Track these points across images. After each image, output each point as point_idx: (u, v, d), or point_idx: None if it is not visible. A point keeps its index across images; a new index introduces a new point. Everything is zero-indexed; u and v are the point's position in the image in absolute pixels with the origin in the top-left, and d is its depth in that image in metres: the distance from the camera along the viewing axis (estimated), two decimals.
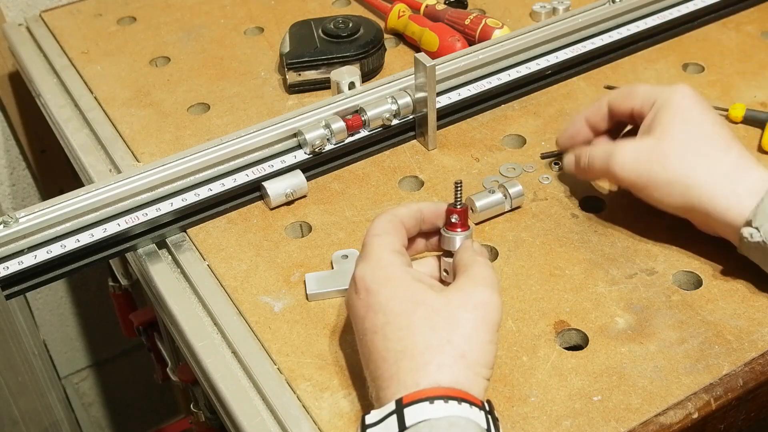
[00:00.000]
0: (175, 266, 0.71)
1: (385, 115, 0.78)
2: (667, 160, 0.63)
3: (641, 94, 0.67)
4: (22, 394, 0.84)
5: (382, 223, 0.58)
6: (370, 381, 0.54)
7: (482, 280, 0.55)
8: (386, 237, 0.57)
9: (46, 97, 0.90)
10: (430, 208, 0.60)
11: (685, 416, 0.57)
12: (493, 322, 0.53)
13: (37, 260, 0.68)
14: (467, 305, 0.53)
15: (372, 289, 0.54)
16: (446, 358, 0.51)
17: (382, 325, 0.53)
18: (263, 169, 0.75)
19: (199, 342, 0.64)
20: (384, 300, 0.54)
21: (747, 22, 0.92)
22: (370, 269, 0.55)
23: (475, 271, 0.56)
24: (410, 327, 0.52)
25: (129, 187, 0.71)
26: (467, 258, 0.57)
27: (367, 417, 0.51)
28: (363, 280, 0.55)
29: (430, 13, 0.94)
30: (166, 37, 0.96)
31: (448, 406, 0.49)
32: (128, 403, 1.51)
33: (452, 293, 0.54)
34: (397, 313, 0.53)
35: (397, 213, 0.59)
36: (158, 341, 0.94)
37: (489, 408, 0.51)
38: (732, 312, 0.63)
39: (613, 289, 0.65)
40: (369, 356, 0.54)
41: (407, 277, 0.55)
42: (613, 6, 0.88)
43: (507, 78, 0.83)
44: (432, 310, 0.53)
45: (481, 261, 0.57)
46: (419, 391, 0.50)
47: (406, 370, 0.51)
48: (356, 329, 0.56)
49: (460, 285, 0.55)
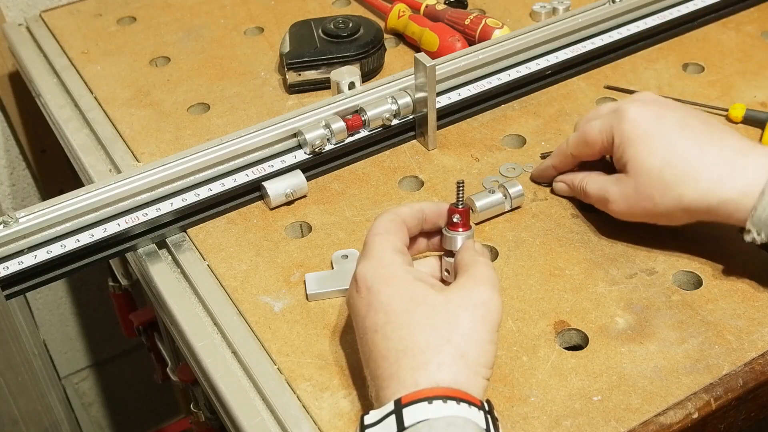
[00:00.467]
0: (175, 266, 0.71)
1: (385, 115, 0.78)
2: (655, 195, 0.63)
3: (596, 136, 0.67)
4: (22, 394, 0.84)
5: (383, 222, 0.58)
6: (370, 380, 0.54)
7: (483, 280, 0.55)
8: (388, 236, 0.57)
9: (46, 97, 0.90)
10: (432, 207, 0.60)
11: (685, 416, 0.57)
12: (493, 321, 0.53)
13: (37, 260, 0.68)
14: (467, 304, 0.53)
15: (373, 287, 0.54)
16: (446, 358, 0.51)
17: (383, 324, 0.53)
18: (263, 169, 0.75)
19: (199, 342, 0.64)
20: (385, 299, 0.54)
21: (747, 22, 0.92)
22: (372, 268, 0.55)
23: (475, 271, 0.56)
24: (410, 326, 0.52)
25: (129, 187, 0.71)
26: (468, 258, 0.57)
27: (366, 417, 0.50)
28: (364, 278, 0.55)
29: (430, 13, 0.94)
30: (166, 37, 0.96)
31: (447, 406, 0.49)
32: (128, 403, 1.51)
33: (453, 292, 0.54)
34: (398, 312, 0.53)
35: (398, 212, 0.59)
36: (158, 341, 0.94)
37: (488, 408, 0.51)
38: (732, 312, 0.63)
39: (613, 289, 0.65)
40: (369, 355, 0.54)
41: (408, 277, 0.55)
42: (613, 6, 0.88)
43: (507, 78, 0.83)
44: (432, 309, 0.53)
45: (482, 261, 0.57)
46: (418, 391, 0.50)
47: (406, 369, 0.51)
48: (357, 328, 0.56)
49: (461, 284, 0.55)
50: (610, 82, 0.85)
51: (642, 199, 0.64)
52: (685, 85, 0.84)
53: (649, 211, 0.64)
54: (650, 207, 0.64)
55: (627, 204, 0.65)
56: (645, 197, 0.63)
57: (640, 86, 0.84)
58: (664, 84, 0.84)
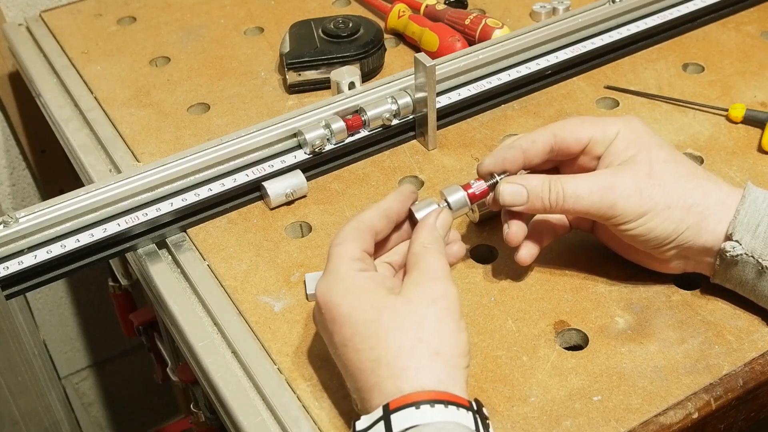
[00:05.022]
0: (175, 266, 0.71)
1: (385, 115, 0.78)
2: (665, 183, 0.59)
3: (593, 127, 0.62)
4: (22, 394, 0.84)
5: (345, 231, 0.58)
6: (353, 393, 0.54)
7: (434, 272, 0.54)
8: (345, 245, 0.56)
9: (46, 97, 0.90)
10: (396, 199, 0.60)
11: (685, 416, 0.57)
12: (455, 310, 0.53)
13: (37, 260, 0.68)
14: (427, 300, 0.53)
15: (333, 302, 0.54)
16: (422, 359, 0.51)
17: (351, 337, 0.52)
18: (263, 169, 0.75)
19: (199, 342, 0.64)
20: (347, 311, 0.53)
21: (747, 22, 0.92)
22: (329, 283, 0.55)
23: (425, 264, 0.55)
24: (378, 334, 0.52)
25: (129, 187, 0.71)
26: (416, 249, 0.57)
27: (358, 423, 0.50)
28: (323, 294, 0.54)
29: (430, 13, 0.94)
30: (166, 37, 0.96)
31: (435, 410, 0.48)
32: (128, 403, 1.51)
33: (410, 291, 0.54)
34: (363, 321, 0.52)
35: (362, 218, 0.58)
36: (158, 341, 0.94)
37: (477, 407, 0.51)
38: (732, 312, 0.63)
39: (613, 289, 0.65)
40: (345, 369, 0.54)
41: (367, 284, 0.54)
42: (613, 6, 0.88)
43: (507, 78, 0.83)
44: (395, 313, 0.52)
45: (429, 250, 0.56)
46: (404, 396, 0.49)
47: (386, 378, 0.50)
48: (328, 345, 0.56)
49: (416, 281, 0.55)
50: (610, 82, 0.85)
51: (654, 183, 0.59)
52: (685, 85, 0.84)
53: (656, 200, 0.59)
54: (657, 195, 0.59)
55: (637, 189, 0.59)
56: (657, 183, 0.59)
57: (640, 86, 0.84)
58: (664, 84, 0.84)
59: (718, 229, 0.59)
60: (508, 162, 0.62)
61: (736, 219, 0.59)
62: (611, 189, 0.59)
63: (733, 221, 0.59)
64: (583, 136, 0.61)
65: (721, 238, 0.59)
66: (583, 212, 0.60)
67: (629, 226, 0.60)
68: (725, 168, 0.74)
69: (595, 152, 0.62)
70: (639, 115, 0.81)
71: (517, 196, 0.61)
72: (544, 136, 0.62)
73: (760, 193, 0.60)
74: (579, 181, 0.60)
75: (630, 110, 0.82)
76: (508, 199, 0.61)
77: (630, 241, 0.61)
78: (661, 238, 0.60)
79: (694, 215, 0.59)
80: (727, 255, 0.59)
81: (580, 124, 0.62)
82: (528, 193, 0.61)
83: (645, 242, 0.60)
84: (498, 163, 0.62)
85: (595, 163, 0.62)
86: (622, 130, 0.61)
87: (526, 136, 0.62)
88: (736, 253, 0.58)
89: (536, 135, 0.62)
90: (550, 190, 0.60)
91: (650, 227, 0.59)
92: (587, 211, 0.60)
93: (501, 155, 0.62)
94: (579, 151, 0.62)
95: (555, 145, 0.62)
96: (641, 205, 0.59)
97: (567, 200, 0.60)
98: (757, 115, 0.78)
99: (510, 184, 0.61)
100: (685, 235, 0.60)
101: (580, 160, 0.63)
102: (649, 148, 0.61)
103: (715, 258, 0.60)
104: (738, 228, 0.58)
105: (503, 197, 0.61)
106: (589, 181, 0.60)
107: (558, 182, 0.60)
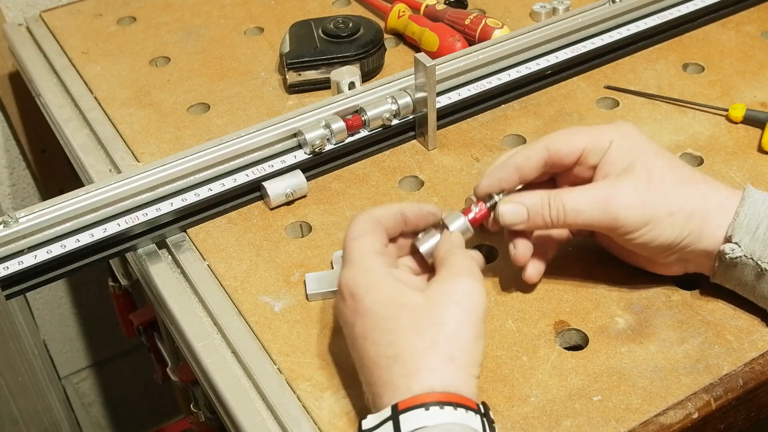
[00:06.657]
0: (175, 266, 0.71)
1: (385, 115, 0.78)
2: (665, 189, 0.59)
3: (586, 137, 0.61)
4: (22, 394, 0.84)
5: (359, 224, 0.57)
6: (366, 386, 0.54)
7: (460, 271, 0.54)
8: (365, 238, 0.56)
9: (46, 97, 0.90)
10: (413, 209, 0.59)
11: (685, 416, 0.57)
12: (478, 312, 0.53)
13: (37, 260, 0.68)
14: (449, 302, 0.52)
15: (357, 294, 0.54)
16: (436, 362, 0.51)
17: (371, 330, 0.52)
18: (263, 169, 0.75)
19: (199, 342, 0.64)
20: (370, 304, 0.53)
21: (747, 22, 0.92)
22: (353, 274, 0.54)
23: (453, 262, 0.55)
24: (397, 331, 0.52)
25: (129, 187, 0.71)
26: (445, 250, 0.57)
27: (364, 422, 0.50)
28: (348, 285, 0.54)
29: (430, 13, 0.94)
30: (166, 37, 0.96)
31: (444, 412, 0.48)
32: (128, 403, 1.51)
33: (433, 290, 0.54)
34: (383, 317, 0.52)
35: (374, 213, 0.58)
36: (158, 341, 0.94)
37: (484, 410, 0.51)
38: (732, 312, 0.63)
39: (613, 289, 0.65)
40: (361, 362, 0.54)
41: (389, 279, 0.54)
42: (613, 6, 0.88)
43: (507, 78, 0.83)
44: (414, 312, 0.52)
45: (458, 252, 0.56)
46: (414, 396, 0.49)
47: (399, 375, 0.51)
48: (347, 336, 0.56)
49: (440, 279, 0.54)
50: (610, 82, 0.85)
51: (654, 190, 0.58)
52: (685, 85, 0.84)
53: (657, 207, 0.58)
54: (658, 201, 0.58)
55: (638, 197, 0.58)
56: (657, 189, 0.58)
57: (640, 86, 0.84)
58: (664, 84, 0.84)
59: (719, 233, 0.59)
60: (503, 182, 0.61)
61: (736, 221, 0.59)
62: (612, 200, 0.58)
63: (733, 223, 0.59)
64: (577, 148, 0.60)
65: (721, 241, 0.59)
66: (586, 225, 0.60)
67: (633, 236, 0.59)
68: (725, 168, 0.74)
69: (590, 162, 0.61)
70: (639, 115, 0.81)
71: (517, 216, 0.60)
72: (537, 152, 0.61)
73: (759, 196, 0.60)
74: (579, 194, 0.59)
75: (630, 110, 0.82)
76: (508, 219, 0.60)
77: (633, 249, 0.61)
78: (665, 245, 0.59)
79: (696, 220, 0.59)
80: (726, 257, 0.59)
81: (572, 135, 0.61)
82: (528, 211, 0.60)
83: (648, 249, 0.60)
84: (494, 184, 0.61)
85: (591, 172, 0.61)
86: (615, 138, 0.60)
87: (519, 153, 0.62)
88: (735, 255, 0.58)
89: (529, 151, 0.61)
90: (550, 206, 0.59)
91: (653, 236, 0.59)
92: (589, 224, 0.59)
93: (496, 176, 0.61)
94: (573, 162, 0.61)
95: (548, 159, 0.61)
96: (643, 215, 0.58)
97: (568, 215, 0.59)
98: (757, 115, 0.78)
99: (509, 204, 0.60)
100: (688, 240, 0.59)
101: (576, 170, 0.62)
102: (646, 155, 0.60)
103: (715, 260, 0.60)
104: (737, 230, 0.58)
105: (504, 218, 0.60)
106: (589, 194, 0.59)
107: (557, 197, 0.59)
